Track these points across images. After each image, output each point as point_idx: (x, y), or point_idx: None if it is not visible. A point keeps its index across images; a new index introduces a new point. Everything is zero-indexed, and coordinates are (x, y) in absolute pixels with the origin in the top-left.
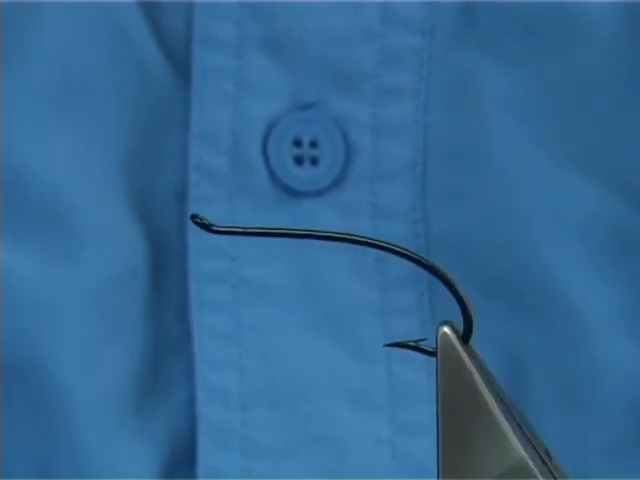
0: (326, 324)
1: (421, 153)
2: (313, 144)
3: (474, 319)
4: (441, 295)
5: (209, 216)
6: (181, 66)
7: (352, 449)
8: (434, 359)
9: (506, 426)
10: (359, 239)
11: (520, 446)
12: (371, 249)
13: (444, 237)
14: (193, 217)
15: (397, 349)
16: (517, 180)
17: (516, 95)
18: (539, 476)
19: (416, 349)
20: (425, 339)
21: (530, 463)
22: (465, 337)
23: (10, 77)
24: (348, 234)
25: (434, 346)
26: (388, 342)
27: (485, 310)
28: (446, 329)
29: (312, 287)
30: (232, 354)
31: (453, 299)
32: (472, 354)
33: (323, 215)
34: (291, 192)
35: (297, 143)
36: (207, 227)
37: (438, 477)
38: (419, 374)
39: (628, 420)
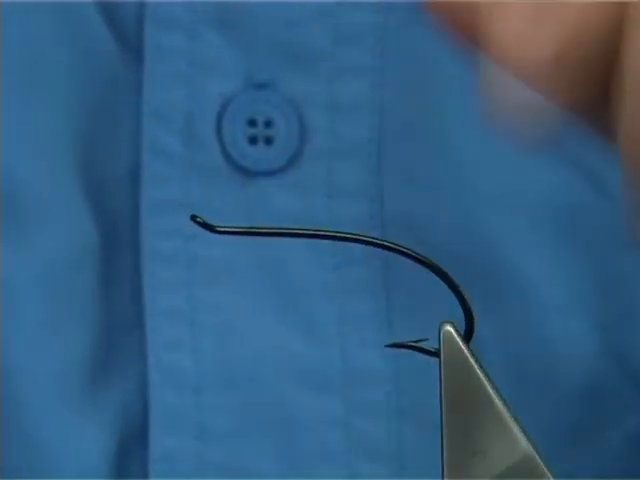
0: (281, 305)
1: (377, 131)
2: (267, 124)
3: (475, 319)
4: (395, 275)
5: (163, 196)
6: (133, 46)
7: (306, 431)
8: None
9: (512, 422)
10: (363, 239)
11: (527, 441)
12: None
13: (399, 217)
14: (193, 217)
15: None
16: (472, 160)
17: (471, 74)
18: (546, 470)
19: (418, 349)
20: (426, 339)
21: (537, 457)
22: (467, 336)
23: None
24: (351, 234)
25: (434, 345)
26: (342, 322)
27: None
28: (449, 328)
29: (267, 268)
30: (185, 335)
31: (409, 279)
32: (473, 353)
33: (278, 194)
34: (246, 172)
35: (251, 123)
36: (209, 227)
37: (443, 476)
38: (373, 355)
39: (582, 403)
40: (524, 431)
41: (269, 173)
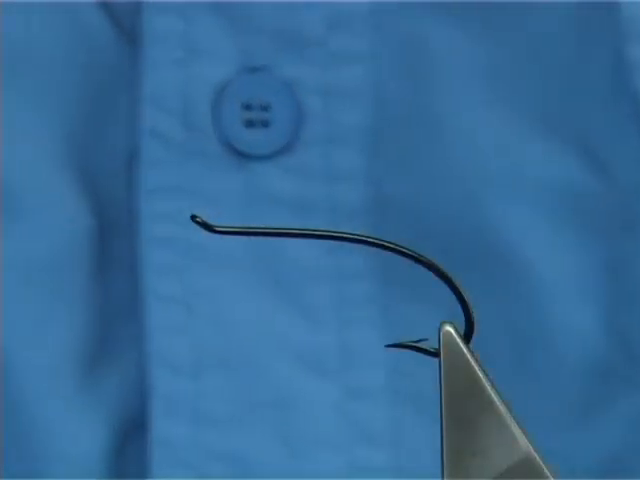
0: (277, 289)
1: (373, 116)
2: (264, 107)
3: (475, 319)
4: (392, 258)
5: (161, 180)
6: (128, 32)
7: (303, 414)
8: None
9: (512, 422)
10: (364, 239)
11: (527, 441)
12: (322, 214)
13: (397, 202)
14: (193, 217)
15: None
16: (472, 142)
17: (470, 57)
18: (546, 471)
19: (417, 349)
20: (426, 339)
21: (537, 458)
22: (467, 336)
23: None
24: (352, 234)
25: (434, 345)
26: (339, 306)
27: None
28: (449, 328)
29: (262, 252)
30: (181, 320)
31: (406, 262)
32: (473, 353)
33: (275, 178)
34: (242, 155)
35: (248, 107)
36: (208, 228)
37: (443, 476)
38: (370, 338)
39: (578, 385)
40: (524, 431)
41: (266, 157)
